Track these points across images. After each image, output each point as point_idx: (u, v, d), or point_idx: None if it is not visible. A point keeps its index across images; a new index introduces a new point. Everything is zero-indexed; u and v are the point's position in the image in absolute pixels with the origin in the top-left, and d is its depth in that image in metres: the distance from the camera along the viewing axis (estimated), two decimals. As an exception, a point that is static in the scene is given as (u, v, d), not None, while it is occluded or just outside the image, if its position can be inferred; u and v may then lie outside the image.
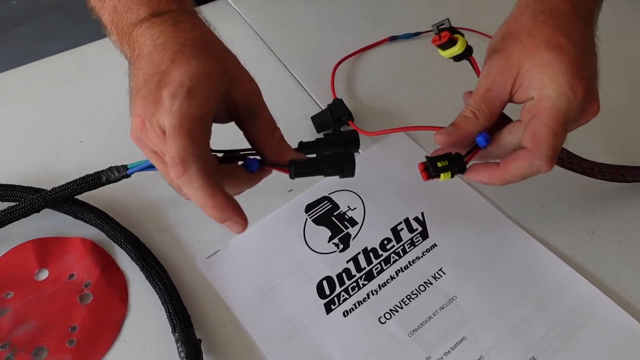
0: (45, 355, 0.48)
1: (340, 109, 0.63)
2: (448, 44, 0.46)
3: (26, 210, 0.52)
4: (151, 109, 0.38)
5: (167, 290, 0.50)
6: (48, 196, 0.53)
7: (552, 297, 0.51)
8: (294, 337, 0.49)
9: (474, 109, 0.45)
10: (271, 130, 0.43)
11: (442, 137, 0.45)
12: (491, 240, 0.55)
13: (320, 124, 0.63)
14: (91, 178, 0.53)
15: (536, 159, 0.42)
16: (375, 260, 0.54)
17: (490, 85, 0.44)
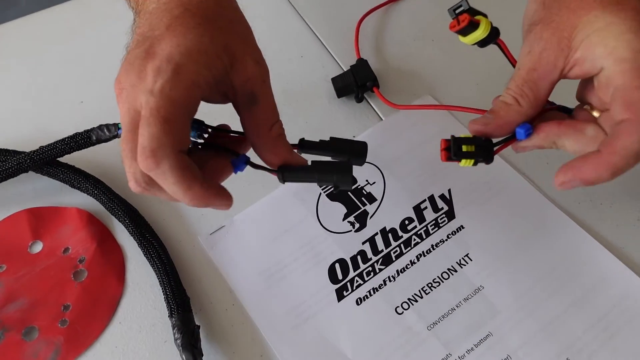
0: (36, 336, 0.45)
1: (364, 72, 0.57)
2: (469, 29, 0.39)
3: (13, 170, 0.48)
4: (132, 80, 0.33)
5: (165, 270, 0.46)
6: (35, 155, 0.49)
7: (593, 291, 0.45)
8: (301, 326, 0.45)
9: (515, 93, 0.38)
10: (269, 124, 0.37)
11: (478, 127, 0.38)
12: (526, 224, 0.49)
13: (342, 88, 0.57)
14: (80, 137, 0.48)
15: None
16: (394, 243, 0.48)
17: (534, 64, 0.37)
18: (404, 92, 0.58)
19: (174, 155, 0.32)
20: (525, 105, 0.37)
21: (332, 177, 0.37)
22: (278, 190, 0.52)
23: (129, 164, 0.34)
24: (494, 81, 0.43)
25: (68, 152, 0.49)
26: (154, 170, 0.32)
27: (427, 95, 0.57)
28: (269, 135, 0.36)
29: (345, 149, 0.39)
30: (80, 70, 0.62)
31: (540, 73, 0.37)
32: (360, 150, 0.40)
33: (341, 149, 0.39)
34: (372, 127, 0.55)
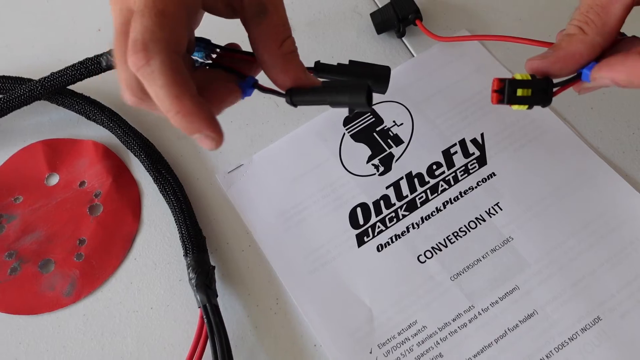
0: (52, 269, 0.44)
1: (406, 3, 0.52)
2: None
3: (24, 97, 0.47)
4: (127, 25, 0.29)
5: (181, 208, 0.45)
6: (46, 82, 0.47)
7: (631, 247, 0.42)
8: (319, 270, 0.43)
9: (579, 22, 0.33)
10: (280, 39, 0.32)
11: (536, 62, 0.33)
12: (563, 173, 0.45)
13: (381, 23, 0.53)
14: (90, 62, 0.46)
15: None
16: (420, 188, 0.46)
17: None
18: (452, 28, 0.54)
19: (167, 53, 0.28)
20: (591, 33, 0.32)
21: (345, 97, 0.32)
22: (300, 129, 0.49)
23: (120, 70, 0.30)
24: (544, 17, 0.39)
25: (79, 78, 0.47)
26: (142, 67, 0.28)
27: (463, 30, 0.53)
28: (279, 52, 0.32)
29: (365, 73, 0.35)
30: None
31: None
32: (383, 75, 0.35)
33: (361, 73, 0.35)
34: (402, 64, 0.52)
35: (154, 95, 0.29)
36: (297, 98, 0.33)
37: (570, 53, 0.32)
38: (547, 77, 0.33)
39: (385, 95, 0.48)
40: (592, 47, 0.32)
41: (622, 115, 0.48)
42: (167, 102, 0.29)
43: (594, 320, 0.40)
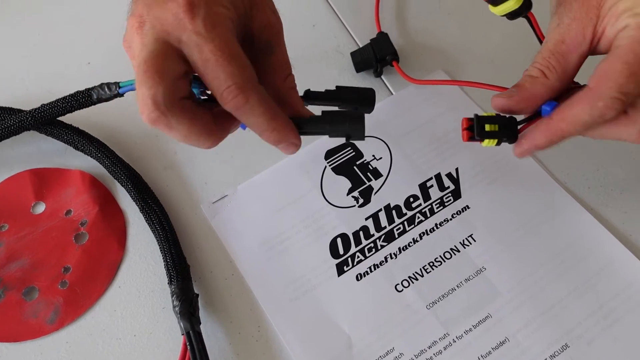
0: (36, 296, 0.45)
1: (384, 45, 0.55)
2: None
3: (14, 128, 0.48)
4: (159, 13, 0.32)
5: (166, 237, 0.46)
6: (36, 113, 0.48)
7: (597, 277, 0.45)
8: (300, 299, 0.45)
9: (542, 66, 0.36)
10: (284, 75, 0.36)
11: (501, 101, 0.36)
12: (533, 206, 0.48)
13: (360, 62, 0.55)
14: (81, 95, 0.48)
15: (599, 99, 0.33)
16: (397, 220, 0.48)
17: (562, 35, 0.35)
18: (427, 70, 0.56)
19: (258, 88, 0.33)
20: (552, 77, 0.35)
21: (344, 128, 0.36)
22: (283, 162, 0.51)
23: (149, 85, 0.31)
24: (513, 60, 0.42)
25: (69, 110, 0.48)
26: (243, 106, 0.32)
27: (439, 71, 0.56)
28: (282, 86, 0.36)
29: (352, 98, 0.39)
30: (89, 30, 0.61)
31: (568, 45, 0.35)
32: (369, 97, 0.39)
33: (348, 97, 0.39)
34: (382, 101, 0.54)
35: (253, 123, 0.34)
36: (300, 130, 0.36)
37: (533, 95, 0.36)
38: (511, 115, 0.36)
39: (366, 131, 0.51)
40: (552, 90, 0.36)
41: (587, 153, 0.51)
42: (265, 125, 0.34)
43: (562, 347, 0.42)
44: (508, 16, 0.39)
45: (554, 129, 0.35)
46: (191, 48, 0.32)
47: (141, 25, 0.32)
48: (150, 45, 0.32)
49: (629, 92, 0.32)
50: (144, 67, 0.31)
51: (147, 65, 0.31)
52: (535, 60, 0.36)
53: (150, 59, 0.32)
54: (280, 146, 0.36)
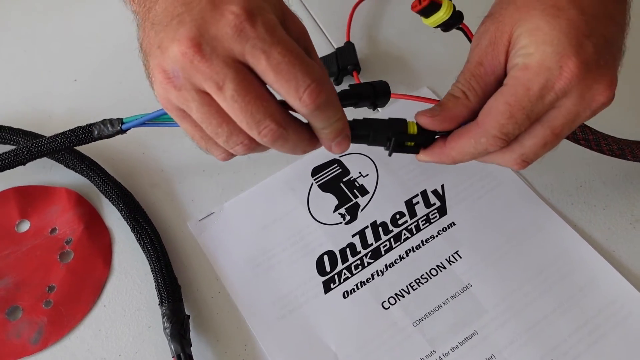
0: (19, 316, 0.45)
1: (348, 55, 0.56)
2: (430, 9, 0.38)
3: (9, 162, 0.47)
4: (215, 31, 0.30)
5: (157, 257, 0.45)
6: (33, 148, 0.47)
7: (581, 294, 0.45)
8: (287, 317, 0.44)
9: (463, 87, 0.37)
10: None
11: (425, 119, 0.37)
12: (517, 222, 0.48)
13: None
14: (82, 131, 0.47)
15: (482, 136, 0.35)
16: (384, 237, 0.48)
17: (481, 58, 0.36)
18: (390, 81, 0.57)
19: (330, 80, 0.32)
20: (473, 99, 0.36)
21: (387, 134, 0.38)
22: (270, 179, 0.51)
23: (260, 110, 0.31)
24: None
25: (68, 146, 0.46)
26: (323, 103, 0.31)
27: (424, 88, 0.57)
28: None
29: (367, 92, 0.39)
30: (76, 48, 0.61)
31: (486, 68, 0.36)
32: (383, 90, 0.39)
33: (363, 92, 0.39)
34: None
35: (325, 117, 0.33)
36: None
37: (455, 115, 0.37)
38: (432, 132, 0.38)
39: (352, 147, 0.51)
40: (473, 111, 0.37)
41: (570, 170, 0.52)
42: (336, 115, 0.33)
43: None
44: (442, 28, 0.40)
45: (445, 155, 0.38)
46: (256, 55, 0.30)
47: (199, 49, 0.30)
48: (228, 71, 0.30)
49: (508, 132, 0.34)
50: (244, 97, 0.30)
51: (245, 93, 0.30)
52: (458, 80, 0.37)
53: (243, 87, 0.30)
54: (337, 140, 0.35)
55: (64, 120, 0.55)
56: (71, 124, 0.49)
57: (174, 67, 0.31)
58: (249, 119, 0.31)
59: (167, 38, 0.31)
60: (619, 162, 0.51)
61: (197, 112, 0.32)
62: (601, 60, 0.33)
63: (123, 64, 0.54)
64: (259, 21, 0.30)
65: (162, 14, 0.32)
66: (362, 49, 0.59)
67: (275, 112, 0.31)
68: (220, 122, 0.32)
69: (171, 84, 0.31)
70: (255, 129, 0.31)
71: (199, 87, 0.31)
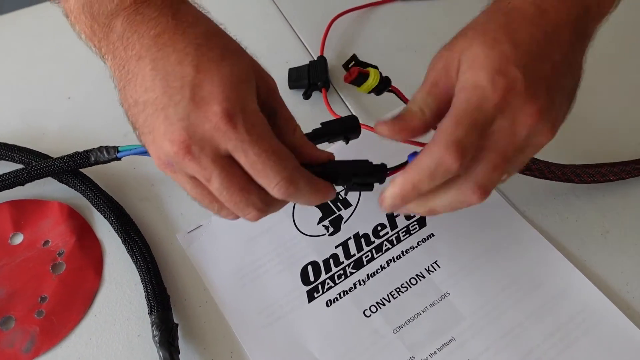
0: (12, 325, 0.46)
1: (319, 71, 0.58)
2: (361, 79, 0.43)
3: (9, 182, 0.50)
4: (201, 134, 0.34)
5: (147, 268, 0.47)
6: (32, 170, 0.49)
7: (554, 301, 0.47)
8: (272, 325, 0.46)
9: (419, 104, 0.38)
10: (292, 128, 0.39)
11: (383, 127, 0.38)
12: (493, 234, 0.51)
13: (294, 81, 0.59)
14: (79, 157, 0.49)
15: (434, 146, 0.36)
16: (366, 248, 0.50)
17: (436, 78, 0.38)
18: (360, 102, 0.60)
19: (302, 170, 0.37)
20: (428, 115, 0.38)
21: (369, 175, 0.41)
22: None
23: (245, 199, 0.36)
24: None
25: (66, 169, 0.49)
26: (294, 194, 0.36)
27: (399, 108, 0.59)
28: (294, 139, 0.39)
29: (339, 129, 0.42)
30: (69, 66, 0.63)
31: (441, 88, 0.38)
32: (354, 126, 0.42)
33: (336, 130, 0.42)
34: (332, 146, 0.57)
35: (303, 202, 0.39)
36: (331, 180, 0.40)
37: (411, 127, 0.38)
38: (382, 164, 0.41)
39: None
40: (427, 127, 0.39)
41: (545, 184, 0.54)
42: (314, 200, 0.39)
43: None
44: (374, 92, 0.44)
45: (407, 178, 0.37)
46: (238, 154, 0.35)
47: (188, 150, 0.34)
48: (214, 168, 0.35)
49: (458, 139, 0.35)
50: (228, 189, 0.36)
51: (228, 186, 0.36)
52: (414, 98, 0.39)
53: (227, 181, 0.35)
54: (324, 200, 0.40)
55: (58, 136, 0.57)
56: (64, 140, 0.51)
57: (167, 159, 0.36)
58: (234, 207, 0.37)
59: (158, 133, 0.35)
60: (590, 175, 0.54)
61: (191, 192, 0.38)
62: (530, 88, 0.35)
63: (115, 82, 0.56)
64: (239, 121, 0.34)
65: (144, 96, 0.36)
66: (337, 63, 0.61)
67: (256, 201, 0.37)
68: (212, 200, 0.38)
69: (167, 168, 0.37)
70: (241, 214, 0.38)
71: (191, 175, 0.36)
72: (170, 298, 0.47)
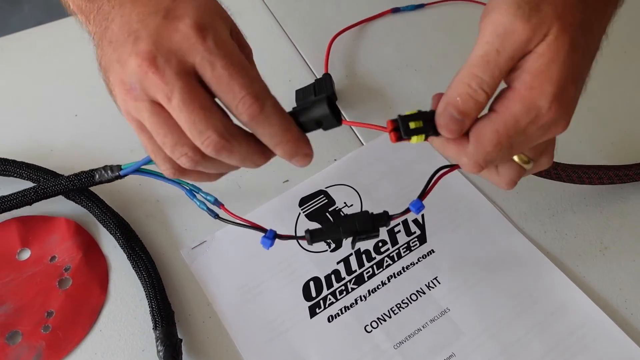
0: (19, 340, 0.47)
1: (325, 86, 0.60)
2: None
3: (16, 202, 0.51)
4: (169, 45, 0.32)
5: (152, 283, 0.48)
6: (40, 190, 0.50)
7: (553, 317, 0.48)
8: (274, 341, 0.47)
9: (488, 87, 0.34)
10: None
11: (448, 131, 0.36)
12: (493, 250, 0.51)
13: (301, 100, 0.60)
14: (85, 176, 0.50)
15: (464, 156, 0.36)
16: (367, 264, 0.51)
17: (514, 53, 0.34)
18: (366, 112, 0.61)
19: (272, 97, 0.34)
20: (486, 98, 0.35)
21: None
22: (259, 209, 0.54)
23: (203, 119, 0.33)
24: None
25: (72, 189, 0.50)
26: (259, 114, 0.33)
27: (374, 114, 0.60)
28: None
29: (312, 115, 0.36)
30: (76, 84, 0.64)
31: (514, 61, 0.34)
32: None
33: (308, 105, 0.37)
34: (353, 151, 0.58)
35: (268, 134, 0.34)
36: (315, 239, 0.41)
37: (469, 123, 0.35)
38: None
39: (338, 179, 0.55)
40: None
41: (543, 200, 0.55)
42: (280, 136, 0.34)
43: (521, 384, 0.44)
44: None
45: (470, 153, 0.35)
46: (204, 67, 0.33)
47: (153, 62, 0.32)
48: (177, 82, 0.32)
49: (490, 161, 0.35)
50: (188, 106, 0.32)
51: (189, 102, 0.32)
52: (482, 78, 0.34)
53: (189, 97, 0.32)
54: (295, 159, 0.36)
55: (65, 153, 0.58)
56: (72, 157, 0.52)
57: (131, 79, 0.33)
58: (192, 128, 0.33)
59: (125, 53, 0.33)
60: (589, 193, 0.55)
61: (148, 121, 0.34)
62: (572, 103, 0.35)
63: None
64: (210, 35, 0.33)
65: (118, 32, 0.35)
66: (341, 79, 0.63)
67: (218, 124, 0.33)
68: (167, 132, 0.34)
69: (129, 95, 0.34)
70: (198, 139, 0.33)
71: (153, 97, 0.33)
72: (174, 313, 0.47)
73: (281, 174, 0.56)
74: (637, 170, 0.53)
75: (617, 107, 0.62)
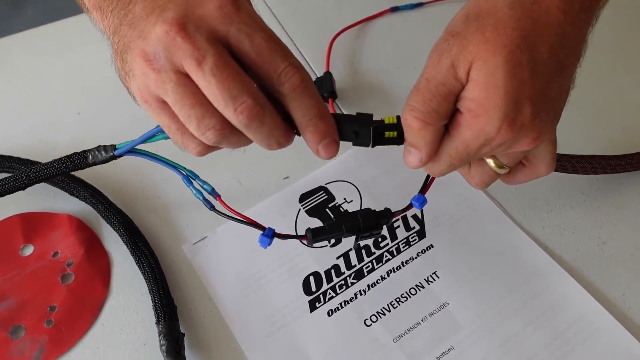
0: (22, 334, 0.47)
1: (326, 84, 0.61)
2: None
3: (8, 187, 0.50)
4: (200, 13, 0.32)
5: (155, 279, 0.48)
6: (32, 173, 0.50)
7: (551, 311, 0.48)
8: (275, 334, 0.47)
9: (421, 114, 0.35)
10: None
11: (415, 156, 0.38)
12: (492, 245, 0.52)
13: None
14: (77, 157, 0.50)
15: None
16: (367, 258, 0.51)
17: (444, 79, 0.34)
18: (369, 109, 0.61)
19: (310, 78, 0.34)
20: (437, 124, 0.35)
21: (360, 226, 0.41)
22: (260, 205, 0.54)
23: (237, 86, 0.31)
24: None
25: (64, 171, 0.49)
26: (300, 85, 0.33)
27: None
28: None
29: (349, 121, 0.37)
30: (79, 83, 0.65)
31: (448, 88, 0.34)
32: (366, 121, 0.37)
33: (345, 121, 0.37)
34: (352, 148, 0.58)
35: (306, 106, 0.34)
36: (317, 239, 0.41)
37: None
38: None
39: (337, 175, 0.55)
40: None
41: (542, 195, 0.55)
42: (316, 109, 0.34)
43: (520, 377, 0.45)
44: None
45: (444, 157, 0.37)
46: (241, 37, 0.32)
47: (182, 27, 0.31)
48: (210, 48, 0.31)
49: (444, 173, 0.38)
50: (223, 71, 0.31)
51: (224, 67, 0.31)
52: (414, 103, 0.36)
53: (223, 62, 0.31)
54: (323, 143, 0.35)
55: (67, 150, 0.58)
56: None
57: (155, 48, 0.32)
58: (225, 93, 0.31)
59: (149, 24, 0.32)
60: (587, 188, 0.55)
61: (172, 93, 0.32)
62: (536, 119, 0.34)
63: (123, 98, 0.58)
64: (243, 8, 0.33)
65: (141, 12, 0.33)
66: (343, 78, 0.64)
67: (253, 89, 0.32)
68: (194, 103, 0.32)
69: (151, 66, 0.32)
70: (232, 105, 0.32)
71: (179, 66, 0.32)
72: (177, 308, 0.48)
73: (281, 170, 0.57)
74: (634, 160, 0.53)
75: (614, 103, 0.62)
